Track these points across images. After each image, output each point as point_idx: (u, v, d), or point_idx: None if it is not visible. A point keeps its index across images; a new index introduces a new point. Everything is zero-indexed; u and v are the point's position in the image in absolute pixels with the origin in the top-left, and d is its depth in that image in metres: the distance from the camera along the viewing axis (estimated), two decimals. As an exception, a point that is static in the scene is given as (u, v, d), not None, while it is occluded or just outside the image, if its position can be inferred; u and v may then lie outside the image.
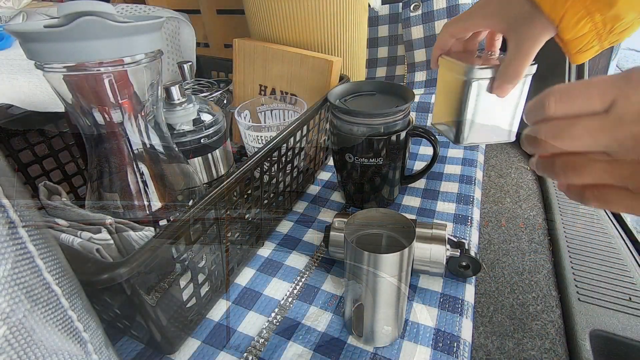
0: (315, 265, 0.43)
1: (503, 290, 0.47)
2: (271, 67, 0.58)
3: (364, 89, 0.49)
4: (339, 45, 0.59)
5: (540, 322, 0.43)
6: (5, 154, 0.42)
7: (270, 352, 0.34)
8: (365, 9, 0.63)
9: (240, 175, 0.34)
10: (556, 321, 0.43)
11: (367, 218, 0.34)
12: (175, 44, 0.65)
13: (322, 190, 0.56)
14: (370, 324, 0.33)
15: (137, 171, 0.34)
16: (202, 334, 0.36)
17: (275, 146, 0.40)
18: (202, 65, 0.71)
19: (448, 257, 0.38)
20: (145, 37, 0.28)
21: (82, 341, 0.21)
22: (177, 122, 0.45)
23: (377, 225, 0.34)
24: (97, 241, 0.28)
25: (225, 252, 0.37)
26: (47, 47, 0.25)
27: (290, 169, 0.47)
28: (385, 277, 0.30)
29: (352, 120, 0.43)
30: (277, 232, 0.48)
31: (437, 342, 0.34)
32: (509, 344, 0.41)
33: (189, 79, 0.59)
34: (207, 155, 0.48)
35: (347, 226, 0.32)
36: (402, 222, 0.33)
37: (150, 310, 0.28)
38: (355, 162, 0.46)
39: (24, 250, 0.17)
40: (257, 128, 0.50)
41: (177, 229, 0.28)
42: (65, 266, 0.21)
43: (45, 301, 0.19)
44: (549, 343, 0.41)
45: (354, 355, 0.34)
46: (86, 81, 0.28)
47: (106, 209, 0.34)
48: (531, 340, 0.42)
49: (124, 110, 0.31)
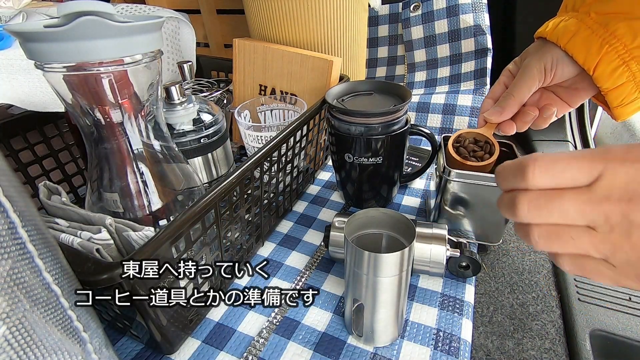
0: (315, 265, 0.43)
1: (503, 290, 0.47)
2: (271, 67, 0.58)
3: (362, 88, 0.49)
4: (339, 45, 0.59)
5: (540, 322, 0.43)
6: (5, 154, 0.42)
7: (270, 352, 0.34)
8: (365, 9, 0.63)
9: (240, 175, 0.34)
10: (556, 321, 0.43)
11: (367, 218, 0.34)
12: (175, 44, 0.65)
13: (322, 190, 0.56)
14: (370, 324, 0.33)
15: (137, 171, 0.34)
16: (202, 334, 0.36)
17: (275, 146, 0.40)
18: (202, 65, 0.71)
19: (448, 257, 0.38)
20: (145, 37, 0.28)
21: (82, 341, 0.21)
22: (177, 122, 0.45)
23: (377, 225, 0.34)
24: (97, 241, 0.28)
25: (224, 252, 0.37)
26: (47, 47, 0.25)
27: (290, 169, 0.47)
28: (385, 277, 0.30)
29: (350, 120, 0.43)
30: (277, 232, 0.48)
31: (437, 342, 0.34)
32: (509, 344, 0.41)
33: (189, 79, 0.59)
34: (207, 155, 0.48)
35: (347, 226, 0.32)
36: (402, 222, 0.33)
37: (150, 310, 0.28)
38: (354, 162, 0.46)
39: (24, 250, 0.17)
40: (257, 128, 0.50)
41: (177, 229, 0.28)
42: (65, 266, 0.21)
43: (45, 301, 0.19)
44: (549, 343, 0.41)
45: (354, 355, 0.34)
46: (86, 81, 0.28)
47: (106, 209, 0.34)
48: (531, 340, 0.41)
49: (124, 110, 0.31)
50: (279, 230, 0.48)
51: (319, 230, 0.48)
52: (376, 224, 0.34)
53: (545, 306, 0.45)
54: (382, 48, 0.84)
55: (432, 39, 0.76)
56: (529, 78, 0.37)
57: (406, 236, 0.33)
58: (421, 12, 0.76)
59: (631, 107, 0.35)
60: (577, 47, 0.33)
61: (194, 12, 0.85)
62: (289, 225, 0.49)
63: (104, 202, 0.34)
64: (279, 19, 0.57)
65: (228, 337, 0.35)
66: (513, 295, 0.47)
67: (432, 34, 0.76)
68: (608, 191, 0.22)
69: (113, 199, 0.34)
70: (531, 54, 0.38)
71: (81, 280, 0.23)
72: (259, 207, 0.42)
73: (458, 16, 0.72)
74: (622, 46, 0.32)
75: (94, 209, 0.34)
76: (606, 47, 0.32)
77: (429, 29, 0.76)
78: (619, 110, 0.35)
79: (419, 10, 0.76)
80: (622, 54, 0.32)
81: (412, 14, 0.77)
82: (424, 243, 0.38)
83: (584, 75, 0.35)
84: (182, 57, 0.67)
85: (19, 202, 0.17)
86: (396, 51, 0.82)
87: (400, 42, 0.81)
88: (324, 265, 0.43)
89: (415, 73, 0.80)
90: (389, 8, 0.80)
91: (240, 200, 0.37)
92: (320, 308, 0.38)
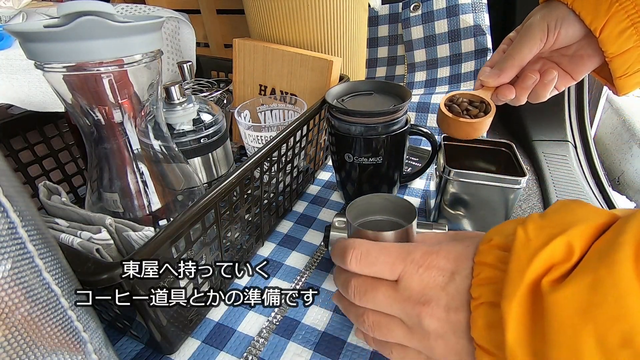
0: (315, 265, 0.43)
1: (503, 290, 0.47)
2: (271, 67, 0.58)
3: (362, 88, 0.49)
4: (339, 45, 0.59)
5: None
6: (5, 154, 0.42)
7: (270, 352, 0.34)
8: (365, 9, 0.63)
9: (240, 175, 0.34)
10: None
11: (369, 204, 0.33)
12: (175, 44, 0.65)
13: (322, 190, 0.56)
14: None
15: (137, 171, 0.34)
16: (202, 334, 0.36)
17: (275, 146, 0.40)
18: (202, 65, 0.71)
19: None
20: (145, 37, 0.28)
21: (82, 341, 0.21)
22: (177, 122, 0.45)
23: (378, 210, 0.34)
24: (97, 241, 0.28)
25: (224, 252, 0.37)
26: (47, 47, 0.25)
27: (290, 169, 0.47)
28: None
29: (350, 120, 0.43)
30: (277, 232, 0.48)
31: (437, 342, 0.34)
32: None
33: (189, 79, 0.59)
34: (207, 155, 0.48)
35: (349, 210, 0.31)
36: (403, 206, 0.33)
37: (150, 310, 0.28)
38: (354, 161, 0.46)
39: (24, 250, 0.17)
40: (257, 128, 0.50)
41: (177, 229, 0.28)
42: (65, 266, 0.21)
43: (45, 301, 0.19)
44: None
45: (353, 355, 0.34)
46: (86, 81, 0.28)
47: (106, 209, 0.34)
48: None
49: (124, 110, 0.31)
50: (279, 230, 0.48)
51: (319, 230, 0.48)
52: (378, 210, 0.34)
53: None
54: (382, 48, 0.84)
55: (432, 39, 0.76)
56: (530, 38, 0.34)
57: (408, 219, 0.33)
58: (421, 12, 0.76)
59: (635, 78, 0.33)
60: (584, 4, 0.31)
61: (194, 12, 0.85)
62: (289, 225, 0.49)
63: (104, 202, 0.34)
64: (279, 19, 0.57)
65: (228, 337, 0.35)
66: (513, 295, 0.47)
67: (432, 34, 0.76)
68: (408, 292, 0.23)
69: (113, 199, 0.34)
70: (534, 15, 0.35)
71: (81, 280, 0.23)
72: (259, 207, 0.42)
73: (458, 16, 0.72)
74: (632, 5, 0.30)
75: (94, 209, 0.34)
76: (616, 6, 0.30)
77: (429, 29, 0.76)
78: (622, 81, 0.34)
79: (419, 10, 0.76)
80: (632, 14, 0.30)
81: (412, 14, 0.77)
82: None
83: (589, 40, 0.33)
84: (182, 57, 0.67)
85: (19, 202, 0.17)
86: (396, 51, 0.82)
87: (400, 42, 0.81)
88: (324, 265, 0.43)
89: (415, 73, 0.80)
90: (389, 8, 0.80)
91: (240, 200, 0.37)
92: (320, 307, 0.38)
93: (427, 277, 0.23)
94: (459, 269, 0.23)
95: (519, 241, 0.20)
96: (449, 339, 0.22)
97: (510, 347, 0.18)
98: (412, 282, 0.23)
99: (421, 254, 0.24)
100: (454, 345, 0.22)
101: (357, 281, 0.25)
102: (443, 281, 0.23)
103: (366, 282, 0.25)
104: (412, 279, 0.23)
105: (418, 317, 0.23)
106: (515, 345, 0.18)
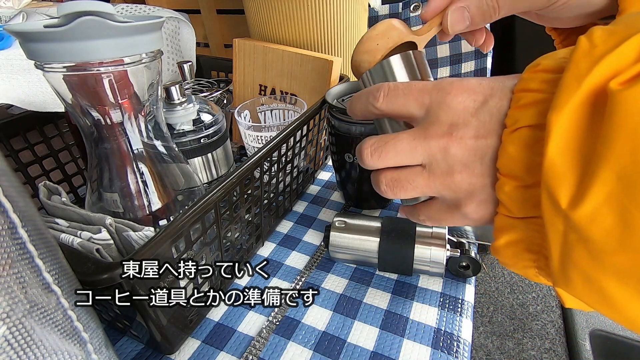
0: (315, 265, 0.43)
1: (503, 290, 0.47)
2: (271, 67, 0.58)
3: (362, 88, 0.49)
4: (339, 45, 0.59)
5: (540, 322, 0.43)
6: (5, 154, 0.42)
7: (270, 352, 0.34)
8: (365, 9, 0.63)
9: (240, 175, 0.34)
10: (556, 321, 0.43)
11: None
12: (175, 44, 0.65)
13: (322, 190, 0.56)
14: None
15: (137, 171, 0.34)
16: (202, 334, 0.36)
17: (275, 146, 0.40)
18: (202, 65, 0.71)
19: (448, 257, 0.38)
20: (145, 37, 0.28)
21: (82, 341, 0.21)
22: (177, 122, 0.45)
23: None
24: (97, 241, 0.28)
25: (225, 252, 0.37)
26: (47, 47, 0.25)
27: (290, 169, 0.47)
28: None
29: (350, 120, 0.43)
30: (277, 232, 0.48)
31: (437, 341, 0.34)
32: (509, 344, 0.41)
33: (189, 79, 0.59)
34: (207, 155, 0.48)
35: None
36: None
37: (150, 310, 0.28)
38: (354, 161, 0.46)
39: (24, 250, 0.17)
40: (257, 128, 0.50)
41: (177, 229, 0.28)
42: (65, 266, 0.21)
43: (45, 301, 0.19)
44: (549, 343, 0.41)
45: (353, 355, 0.34)
46: (86, 81, 0.28)
47: (106, 209, 0.34)
48: (531, 340, 0.42)
49: (124, 110, 0.31)
50: (279, 230, 0.48)
51: (319, 230, 0.48)
52: None
53: (545, 306, 0.45)
54: (382, 48, 0.83)
55: (432, 39, 0.76)
56: None
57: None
58: (421, 12, 0.76)
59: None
60: None
61: (194, 12, 0.85)
62: (289, 225, 0.49)
63: (104, 202, 0.34)
64: (279, 19, 0.57)
65: (228, 337, 0.35)
66: (513, 295, 0.47)
67: (432, 34, 0.76)
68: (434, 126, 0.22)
69: (113, 199, 0.34)
70: None
71: (81, 280, 0.23)
72: (259, 207, 0.42)
73: (458, 16, 0.72)
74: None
75: (94, 209, 0.34)
76: None
77: (429, 29, 0.76)
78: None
79: (419, 10, 0.76)
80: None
81: (412, 14, 0.77)
82: (424, 243, 0.38)
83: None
84: (182, 57, 0.67)
85: (19, 202, 0.17)
86: (396, 51, 0.82)
87: (400, 42, 0.81)
88: (324, 265, 0.43)
89: (415, 73, 0.80)
90: (389, 8, 0.80)
91: (240, 200, 0.37)
92: (320, 307, 0.38)
93: (456, 103, 0.21)
94: (494, 94, 0.20)
95: (580, 50, 0.17)
96: (474, 167, 0.21)
97: (550, 158, 0.16)
98: (440, 111, 0.21)
99: (449, 82, 0.22)
100: (479, 175, 0.21)
101: (372, 139, 0.24)
102: (474, 107, 0.21)
103: (383, 138, 0.24)
104: (439, 108, 0.21)
105: (444, 149, 0.21)
106: (557, 156, 0.16)
